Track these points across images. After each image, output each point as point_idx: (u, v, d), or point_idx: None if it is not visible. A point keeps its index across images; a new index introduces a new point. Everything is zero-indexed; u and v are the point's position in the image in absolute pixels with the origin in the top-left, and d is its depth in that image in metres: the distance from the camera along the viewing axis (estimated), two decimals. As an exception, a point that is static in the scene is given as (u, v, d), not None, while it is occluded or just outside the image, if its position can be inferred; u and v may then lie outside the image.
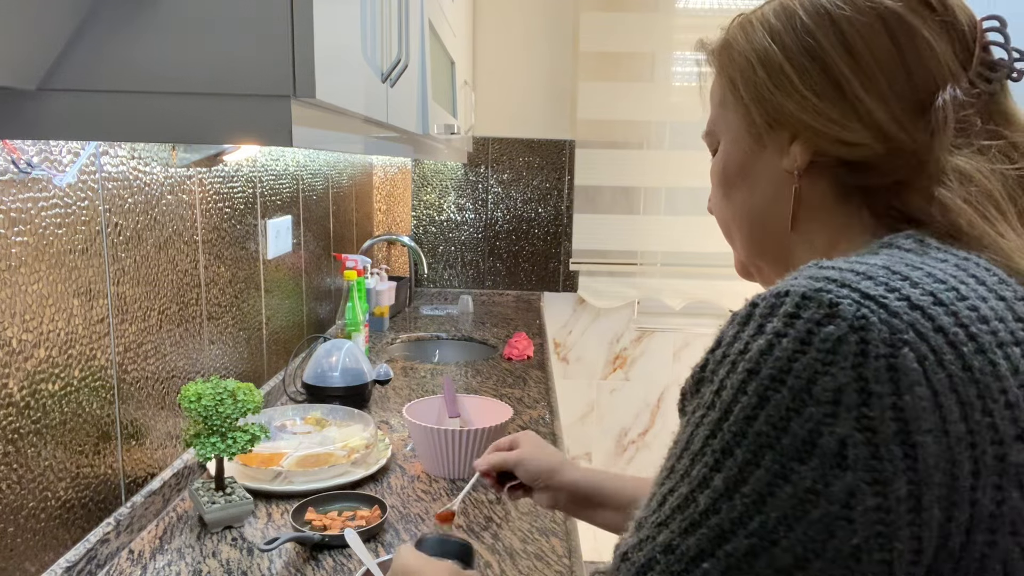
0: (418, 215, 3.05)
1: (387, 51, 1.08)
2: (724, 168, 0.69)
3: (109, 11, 0.67)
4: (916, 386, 0.45)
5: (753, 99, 0.64)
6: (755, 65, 0.63)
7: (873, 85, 0.58)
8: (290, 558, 1.11)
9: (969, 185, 0.57)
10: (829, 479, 0.45)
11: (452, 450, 1.36)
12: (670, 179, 2.92)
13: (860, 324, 0.46)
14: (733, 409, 0.48)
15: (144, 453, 1.21)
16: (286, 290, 1.88)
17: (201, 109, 0.69)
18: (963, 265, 0.53)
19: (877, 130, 0.58)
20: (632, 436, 3.15)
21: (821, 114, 0.59)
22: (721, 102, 0.68)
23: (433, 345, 2.52)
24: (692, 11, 2.81)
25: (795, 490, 0.46)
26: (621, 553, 0.54)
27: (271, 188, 1.75)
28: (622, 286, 3.02)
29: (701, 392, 0.52)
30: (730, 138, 0.68)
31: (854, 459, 0.45)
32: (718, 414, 0.49)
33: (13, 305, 0.89)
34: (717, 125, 0.70)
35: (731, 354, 0.50)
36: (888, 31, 0.58)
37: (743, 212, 0.68)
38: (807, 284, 0.49)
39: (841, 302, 0.47)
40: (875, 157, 0.59)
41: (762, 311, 0.50)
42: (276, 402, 1.74)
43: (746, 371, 0.48)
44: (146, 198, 1.18)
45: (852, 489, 0.45)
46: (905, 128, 0.58)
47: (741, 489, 0.47)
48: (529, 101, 2.96)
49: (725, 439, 0.48)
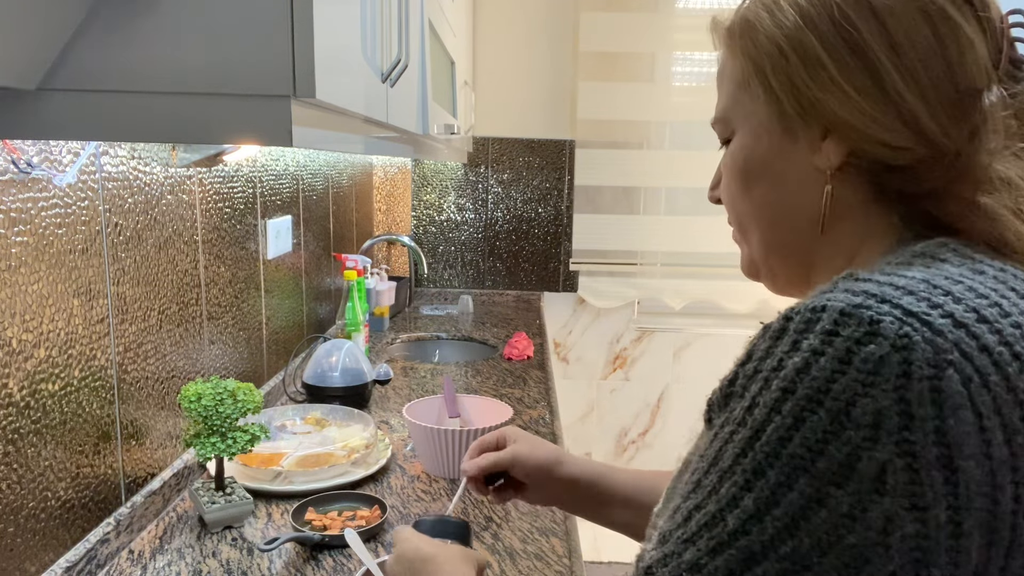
0: (418, 215, 3.05)
1: (387, 51, 1.08)
2: (745, 161, 0.63)
3: (109, 11, 0.67)
4: (960, 410, 0.43)
5: (785, 89, 0.58)
6: (786, 52, 0.57)
7: (915, 83, 0.54)
8: (290, 558, 1.11)
9: (1015, 193, 0.54)
10: (867, 505, 0.43)
11: (452, 450, 1.36)
12: (670, 179, 2.92)
13: (903, 343, 0.44)
14: (766, 428, 0.46)
15: (144, 453, 1.21)
16: (286, 290, 1.88)
17: (201, 109, 0.69)
18: (1001, 277, 0.50)
19: (920, 132, 0.54)
20: (632, 436, 3.15)
21: (862, 112, 0.55)
22: (740, 87, 0.62)
23: (433, 345, 2.52)
24: (692, 11, 2.81)
25: (830, 515, 0.44)
26: (645, 567, 0.51)
27: (271, 188, 1.75)
28: (622, 286, 3.02)
29: (730, 406, 0.51)
30: (751, 128, 0.62)
31: (893, 485, 0.43)
32: (750, 432, 0.47)
33: (13, 305, 0.89)
34: (733, 112, 0.64)
35: (764, 370, 0.48)
36: (930, 24, 0.54)
37: (763, 209, 0.63)
38: (846, 299, 0.47)
39: (883, 319, 0.45)
40: (915, 161, 0.55)
41: (797, 326, 0.48)
42: (276, 402, 1.74)
43: (781, 389, 0.46)
44: (146, 198, 1.18)
45: (890, 515, 0.43)
46: (947, 131, 0.54)
47: (773, 512, 0.45)
48: (529, 101, 2.96)
49: (757, 459, 0.47)
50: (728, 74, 0.64)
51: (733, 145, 0.64)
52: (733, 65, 0.63)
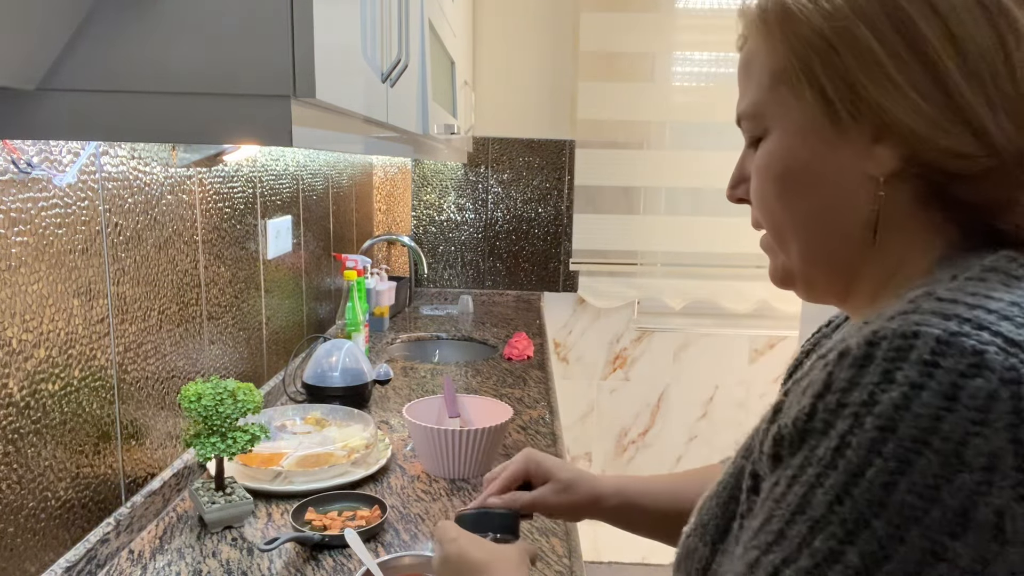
0: (418, 215, 3.05)
1: (387, 51, 1.08)
2: (785, 164, 0.57)
3: (109, 11, 0.67)
4: None
5: (838, 88, 0.52)
6: (837, 46, 0.52)
7: (979, 83, 0.49)
8: (290, 558, 1.11)
9: None
10: (987, 556, 0.40)
11: (452, 450, 1.36)
12: (670, 179, 2.92)
13: (1011, 376, 0.41)
14: (865, 473, 0.42)
15: (144, 453, 1.21)
16: (286, 290, 1.88)
17: (201, 109, 0.69)
18: None
19: (985, 138, 0.50)
20: (632, 436, 3.15)
21: (923, 116, 0.50)
22: (779, 81, 0.56)
23: (433, 345, 2.52)
24: (692, 11, 2.81)
25: (949, 570, 0.41)
26: None
27: (271, 188, 1.75)
28: (622, 286, 3.02)
29: (810, 444, 0.46)
30: (793, 128, 0.56)
31: (1013, 532, 0.40)
32: (844, 476, 0.43)
33: (13, 305, 0.89)
34: (768, 109, 0.57)
35: (851, 404, 0.44)
36: (990, 21, 0.49)
37: (806, 217, 0.57)
38: (939, 325, 0.43)
39: (986, 350, 0.42)
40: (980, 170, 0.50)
41: (886, 353, 0.43)
42: (276, 402, 1.74)
43: (878, 428, 0.42)
44: (146, 198, 1.18)
45: (1014, 567, 0.40)
46: (1010, 137, 0.50)
47: (884, 568, 0.41)
48: (529, 101, 2.96)
49: (859, 508, 0.42)
50: (762, 65, 0.57)
51: (770, 146, 0.58)
52: (769, 56, 0.56)
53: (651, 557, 2.98)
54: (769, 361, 3.06)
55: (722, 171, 3.02)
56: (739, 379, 3.08)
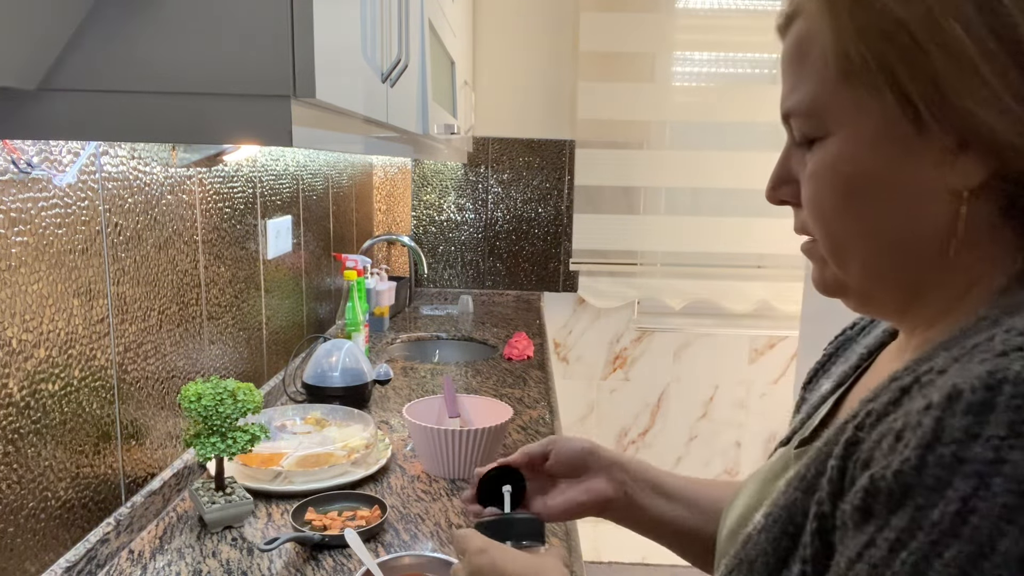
0: (418, 215, 3.05)
1: (387, 51, 1.08)
2: (852, 172, 0.51)
3: (109, 11, 0.67)
4: None
5: (925, 93, 0.46)
6: (924, 44, 0.46)
7: None
8: (290, 558, 1.11)
9: None
10: None
11: (452, 450, 1.36)
12: (670, 179, 2.92)
13: None
14: (997, 545, 0.37)
15: (144, 453, 1.21)
16: (286, 290, 1.88)
17: (201, 109, 0.69)
18: None
19: None
20: (632, 436, 3.15)
21: (1018, 123, 0.45)
22: (847, 77, 0.50)
23: (433, 345, 2.52)
24: (692, 11, 2.81)
25: None
26: None
27: (271, 188, 1.75)
28: (622, 286, 3.02)
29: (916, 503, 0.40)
30: (864, 133, 0.50)
31: None
32: (971, 547, 0.38)
33: (13, 305, 0.89)
34: (831, 107, 0.51)
35: (970, 459, 0.38)
36: None
37: (871, 231, 0.52)
38: None
39: None
40: None
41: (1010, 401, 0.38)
42: (276, 402, 1.74)
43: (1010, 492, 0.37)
44: (146, 198, 1.18)
45: None
46: None
47: None
48: (529, 101, 2.96)
49: None
50: (822, 55, 0.51)
51: (833, 149, 0.52)
52: (835, 44, 0.50)
53: (651, 557, 2.99)
54: (769, 361, 3.06)
55: (722, 171, 3.03)
56: (739, 379, 3.08)
